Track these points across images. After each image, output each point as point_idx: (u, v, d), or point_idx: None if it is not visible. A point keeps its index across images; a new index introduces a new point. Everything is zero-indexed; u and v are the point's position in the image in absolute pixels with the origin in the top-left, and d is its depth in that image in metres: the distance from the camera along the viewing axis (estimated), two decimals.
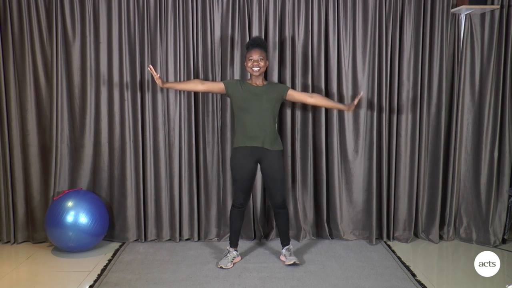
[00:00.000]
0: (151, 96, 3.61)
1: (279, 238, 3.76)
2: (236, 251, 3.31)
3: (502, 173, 3.68)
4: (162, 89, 3.56)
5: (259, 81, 3.18)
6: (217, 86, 3.23)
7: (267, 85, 3.20)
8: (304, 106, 3.66)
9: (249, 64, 3.11)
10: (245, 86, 3.17)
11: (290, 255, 3.24)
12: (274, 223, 3.75)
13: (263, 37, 3.59)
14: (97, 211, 3.42)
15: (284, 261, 3.23)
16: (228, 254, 3.25)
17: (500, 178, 3.69)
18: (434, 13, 3.57)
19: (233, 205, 3.27)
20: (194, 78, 3.55)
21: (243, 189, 3.20)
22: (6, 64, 3.55)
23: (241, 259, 3.33)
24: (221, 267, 3.14)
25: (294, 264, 3.16)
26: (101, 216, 3.44)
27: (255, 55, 3.09)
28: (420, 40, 3.58)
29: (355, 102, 3.22)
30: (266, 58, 3.18)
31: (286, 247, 3.30)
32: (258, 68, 3.09)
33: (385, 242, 3.70)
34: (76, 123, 3.65)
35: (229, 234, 3.37)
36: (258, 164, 3.23)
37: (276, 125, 3.27)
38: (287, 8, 3.59)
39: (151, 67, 3.17)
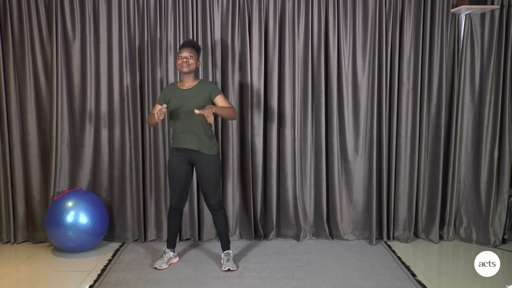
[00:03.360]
0: (151, 96, 3.60)
1: (279, 238, 3.79)
2: (173, 251, 3.30)
3: (502, 173, 3.68)
4: (162, 88, 3.56)
5: (188, 82, 3.09)
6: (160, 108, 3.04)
7: (197, 86, 3.09)
8: (305, 106, 3.67)
9: (179, 61, 3.04)
10: (175, 89, 3.12)
11: (228, 260, 3.17)
12: (274, 222, 3.76)
13: (263, 37, 3.59)
14: (97, 211, 3.42)
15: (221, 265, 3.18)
16: (164, 255, 3.24)
17: (500, 178, 3.69)
18: (434, 13, 3.57)
19: (170, 206, 3.26)
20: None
21: (178, 191, 3.17)
22: (6, 64, 3.55)
23: (179, 259, 3.32)
24: (155, 268, 3.14)
25: (228, 270, 3.11)
26: (101, 216, 3.44)
27: (185, 52, 3.04)
28: (420, 40, 3.58)
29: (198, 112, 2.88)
30: (198, 58, 3.11)
31: (225, 251, 3.22)
32: (187, 65, 3.02)
33: (385, 242, 3.70)
34: (76, 123, 3.65)
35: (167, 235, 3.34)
36: (193, 166, 3.18)
37: (212, 127, 3.16)
38: (287, 8, 3.59)
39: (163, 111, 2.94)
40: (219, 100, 3.08)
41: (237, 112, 3.33)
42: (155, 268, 3.14)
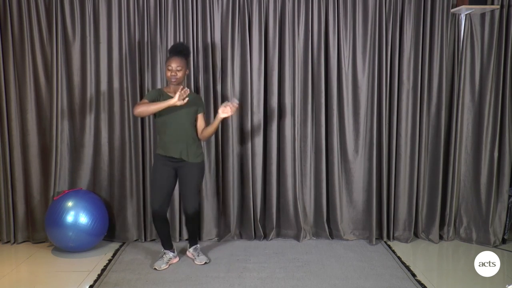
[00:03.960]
0: None
1: (279, 238, 3.79)
2: (173, 252, 3.30)
3: (502, 173, 3.68)
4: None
5: (177, 91, 3.03)
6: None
7: (189, 97, 3.00)
8: (305, 106, 3.67)
9: (168, 73, 3.05)
10: (163, 97, 3.09)
11: (199, 255, 3.31)
12: (274, 222, 3.76)
13: (263, 37, 3.59)
14: (97, 211, 3.42)
15: (193, 260, 3.30)
16: (163, 256, 3.25)
17: (500, 178, 3.69)
18: (434, 13, 3.57)
19: (152, 213, 3.18)
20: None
21: (161, 197, 3.14)
22: (6, 64, 3.55)
23: (179, 259, 3.33)
24: (155, 269, 3.14)
25: (205, 264, 3.24)
26: (101, 216, 3.44)
27: (174, 64, 3.03)
28: (420, 40, 3.58)
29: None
30: (186, 66, 3.11)
31: (194, 246, 3.36)
32: (176, 79, 3.04)
33: (385, 242, 3.70)
34: (76, 123, 3.64)
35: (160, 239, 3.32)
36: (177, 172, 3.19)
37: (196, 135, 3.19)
38: (287, 8, 3.59)
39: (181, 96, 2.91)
40: (201, 117, 3.19)
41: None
42: (155, 269, 3.14)
